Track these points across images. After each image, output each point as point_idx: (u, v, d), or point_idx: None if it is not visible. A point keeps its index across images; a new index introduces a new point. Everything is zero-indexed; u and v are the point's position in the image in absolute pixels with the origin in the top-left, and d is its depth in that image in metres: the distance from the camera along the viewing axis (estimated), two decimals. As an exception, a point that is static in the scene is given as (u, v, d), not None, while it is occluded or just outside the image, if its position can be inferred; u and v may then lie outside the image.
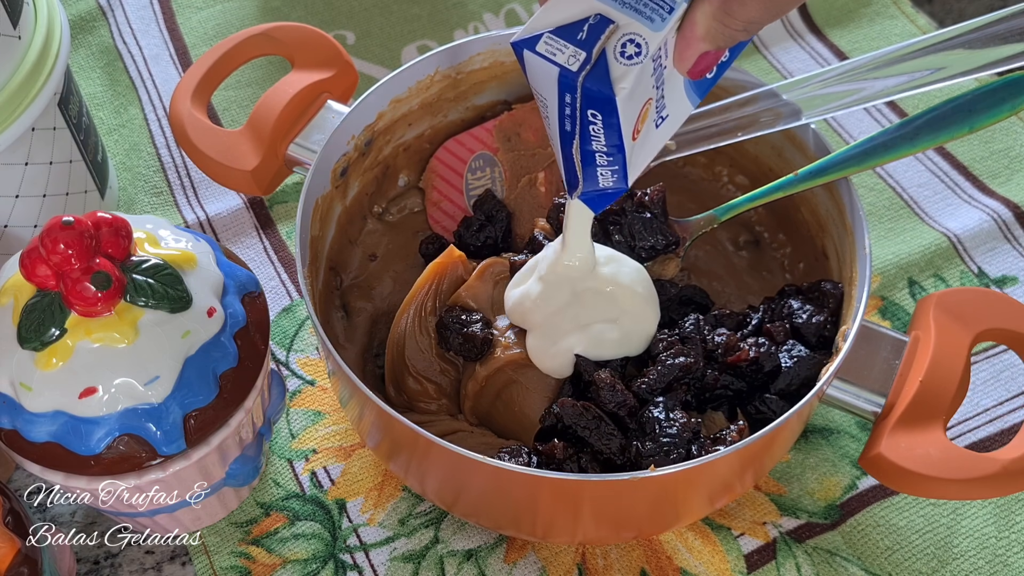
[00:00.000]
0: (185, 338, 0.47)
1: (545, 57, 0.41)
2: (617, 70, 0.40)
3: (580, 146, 0.43)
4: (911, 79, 0.52)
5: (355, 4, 0.83)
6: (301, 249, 0.53)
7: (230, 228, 0.70)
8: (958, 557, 0.56)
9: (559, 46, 0.41)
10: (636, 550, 0.56)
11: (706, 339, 0.53)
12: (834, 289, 0.55)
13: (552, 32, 0.41)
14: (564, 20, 0.41)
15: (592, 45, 0.40)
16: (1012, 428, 0.61)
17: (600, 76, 0.40)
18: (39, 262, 0.45)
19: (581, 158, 0.44)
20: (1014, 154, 0.74)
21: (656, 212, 0.57)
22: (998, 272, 0.68)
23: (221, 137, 0.61)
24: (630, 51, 0.40)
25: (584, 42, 0.40)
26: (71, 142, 0.62)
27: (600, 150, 0.43)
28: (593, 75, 0.40)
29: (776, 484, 0.58)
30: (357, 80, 0.65)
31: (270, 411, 0.55)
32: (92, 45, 0.80)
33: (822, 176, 0.55)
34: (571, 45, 0.40)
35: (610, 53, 0.40)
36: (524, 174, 0.63)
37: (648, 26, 0.40)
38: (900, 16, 0.83)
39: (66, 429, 0.46)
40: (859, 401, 0.51)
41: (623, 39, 0.40)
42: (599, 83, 0.40)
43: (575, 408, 0.50)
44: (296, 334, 0.65)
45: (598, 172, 0.44)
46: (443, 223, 0.64)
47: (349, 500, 0.58)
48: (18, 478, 0.58)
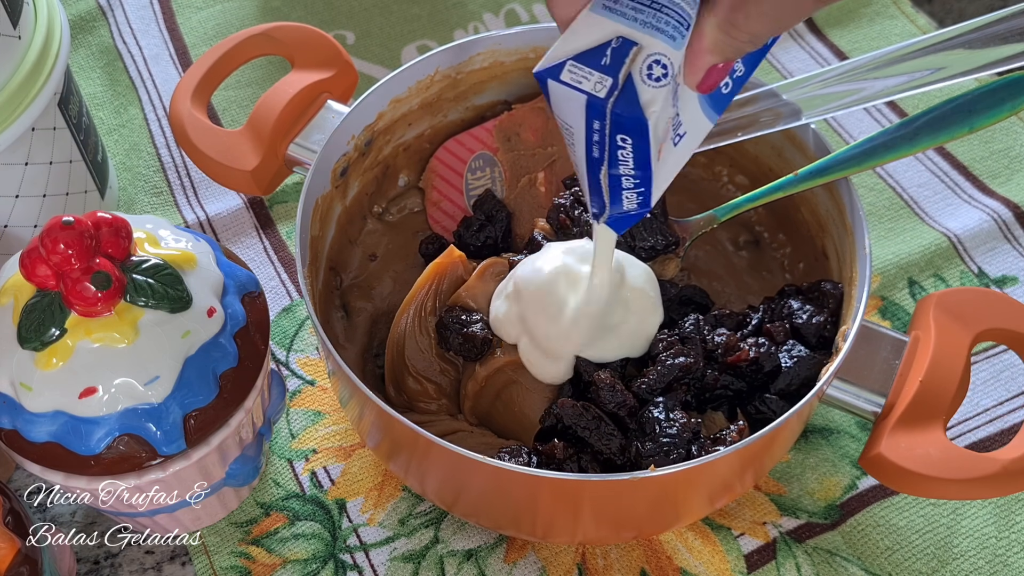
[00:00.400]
0: (185, 338, 0.47)
1: (570, 86, 0.40)
2: (647, 93, 0.39)
3: (608, 171, 0.42)
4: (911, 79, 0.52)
5: (355, 4, 0.83)
6: (301, 249, 0.53)
7: (230, 228, 0.70)
8: (958, 557, 0.56)
9: (584, 73, 0.40)
10: (636, 550, 0.56)
11: (706, 339, 0.53)
12: (834, 289, 0.55)
13: (575, 59, 0.40)
14: (586, 46, 0.40)
15: (618, 70, 0.39)
16: (1012, 428, 0.61)
17: (630, 101, 0.39)
18: (39, 262, 0.45)
19: (609, 183, 0.43)
20: (1014, 154, 0.74)
21: (656, 212, 0.57)
22: (998, 272, 0.68)
23: (221, 137, 0.61)
24: (657, 72, 0.39)
25: (609, 67, 0.39)
26: (71, 142, 0.62)
27: (627, 174, 0.42)
28: (622, 100, 0.39)
29: (776, 484, 0.58)
30: (357, 80, 0.65)
31: (270, 411, 0.55)
32: (92, 45, 0.80)
33: (822, 176, 0.55)
34: (596, 71, 0.40)
35: (636, 76, 0.39)
36: (524, 174, 0.63)
37: (671, 44, 0.39)
38: (900, 16, 0.83)
39: (66, 429, 0.46)
40: (859, 401, 0.51)
41: (648, 60, 0.39)
42: (630, 108, 0.39)
43: (575, 408, 0.50)
44: (296, 334, 0.65)
45: (623, 196, 0.43)
46: (443, 223, 0.64)
47: (349, 500, 0.58)
48: (18, 478, 0.58)
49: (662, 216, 0.57)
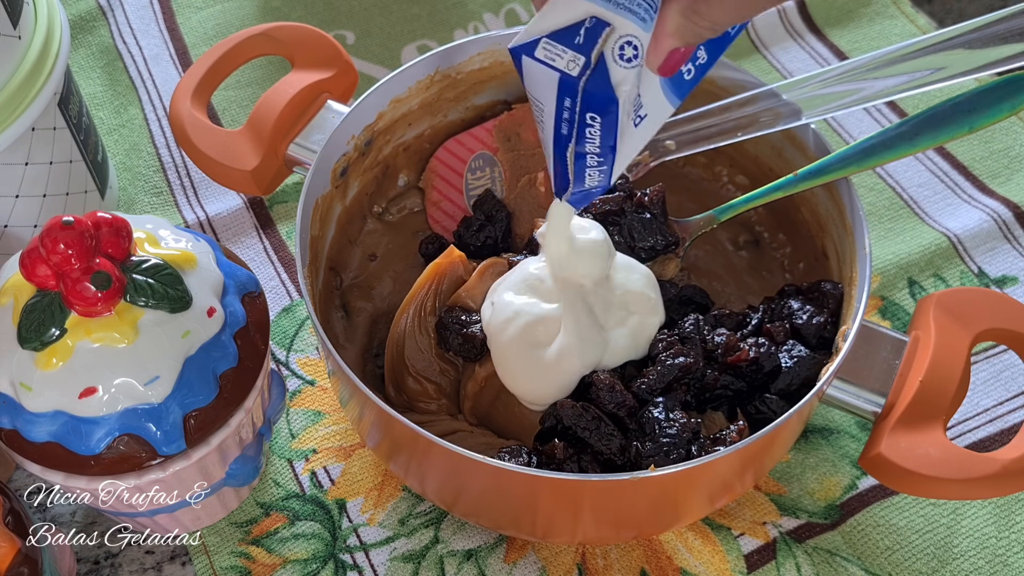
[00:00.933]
0: (185, 338, 0.47)
1: (544, 63, 0.41)
2: (618, 73, 0.40)
3: (575, 148, 0.43)
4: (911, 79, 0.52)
5: (355, 4, 0.83)
6: (301, 249, 0.53)
7: (230, 228, 0.70)
8: (958, 557, 0.56)
9: (557, 51, 0.41)
10: (636, 550, 0.56)
11: (706, 339, 0.53)
12: (834, 289, 0.55)
13: (549, 37, 0.41)
14: (560, 24, 0.41)
15: (590, 49, 0.40)
16: (1012, 428, 0.61)
17: (602, 81, 0.40)
18: (39, 262, 0.45)
19: (575, 160, 0.44)
20: (1014, 154, 0.74)
21: (656, 212, 0.57)
22: (998, 272, 0.68)
23: (221, 137, 0.61)
24: (628, 54, 0.40)
25: (582, 46, 0.40)
26: (71, 142, 0.62)
27: (593, 152, 0.43)
28: (594, 80, 0.40)
29: (776, 484, 0.58)
30: (357, 80, 0.65)
31: (270, 411, 0.55)
32: (92, 45, 0.80)
33: (822, 176, 0.55)
34: (569, 50, 0.40)
35: (609, 56, 0.40)
36: (524, 174, 0.63)
37: (641, 27, 0.40)
38: (900, 16, 0.83)
39: (66, 429, 0.46)
40: (859, 401, 0.51)
41: (620, 41, 0.40)
42: (601, 87, 0.40)
43: (575, 409, 0.50)
44: (296, 334, 0.65)
45: (587, 172, 0.44)
46: (443, 223, 0.64)
47: (349, 500, 0.58)
48: (18, 478, 0.58)
49: (662, 216, 0.57)
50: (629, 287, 0.53)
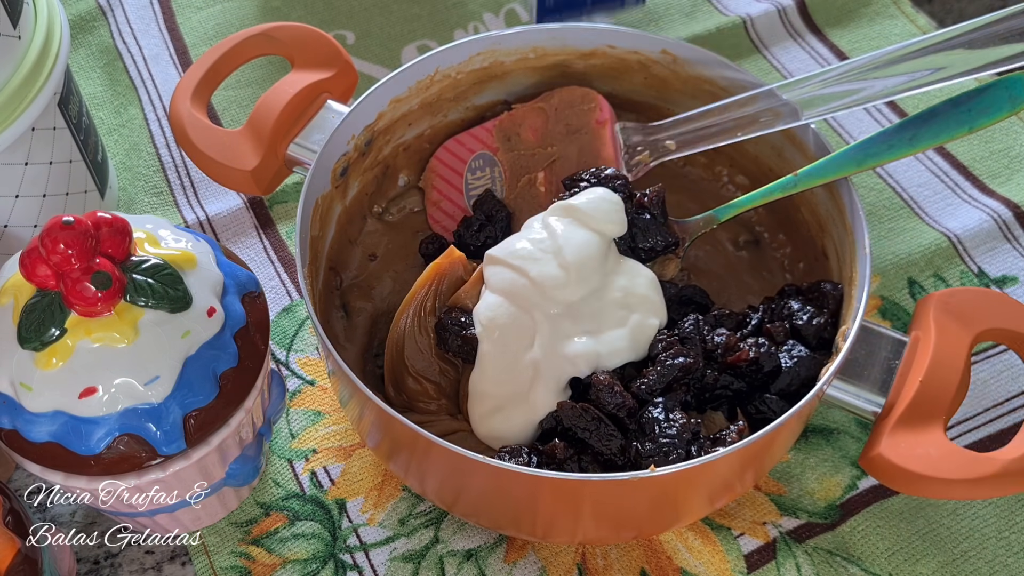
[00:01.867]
0: (185, 338, 0.47)
1: None
2: None
3: None
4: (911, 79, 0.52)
5: (355, 4, 0.83)
6: (301, 249, 0.53)
7: (230, 228, 0.70)
8: (958, 557, 0.56)
9: None
10: (636, 550, 0.56)
11: (706, 339, 0.53)
12: (834, 290, 0.55)
13: None
14: None
15: None
16: (1012, 428, 0.61)
17: None
18: (39, 262, 0.45)
19: None
20: (1014, 154, 0.74)
21: (656, 212, 0.57)
22: (998, 272, 0.68)
23: (221, 137, 0.61)
24: None
25: None
26: (71, 142, 0.62)
27: None
28: None
29: (776, 484, 0.58)
30: (357, 80, 0.65)
31: (270, 411, 0.55)
32: (92, 45, 0.80)
33: (822, 176, 0.55)
34: None
35: None
36: (524, 174, 0.63)
37: None
38: (900, 16, 0.83)
39: (66, 429, 0.46)
40: (859, 401, 0.51)
41: None
42: None
43: (574, 410, 0.50)
44: (296, 334, 0.65)
45: None
46: (443, 223, 0.64)
47: (349, 500, 0.58)
48: (18, 478, 0.58)
49: (662, 216, 0.57)
50: (633, 289, 0.53)
